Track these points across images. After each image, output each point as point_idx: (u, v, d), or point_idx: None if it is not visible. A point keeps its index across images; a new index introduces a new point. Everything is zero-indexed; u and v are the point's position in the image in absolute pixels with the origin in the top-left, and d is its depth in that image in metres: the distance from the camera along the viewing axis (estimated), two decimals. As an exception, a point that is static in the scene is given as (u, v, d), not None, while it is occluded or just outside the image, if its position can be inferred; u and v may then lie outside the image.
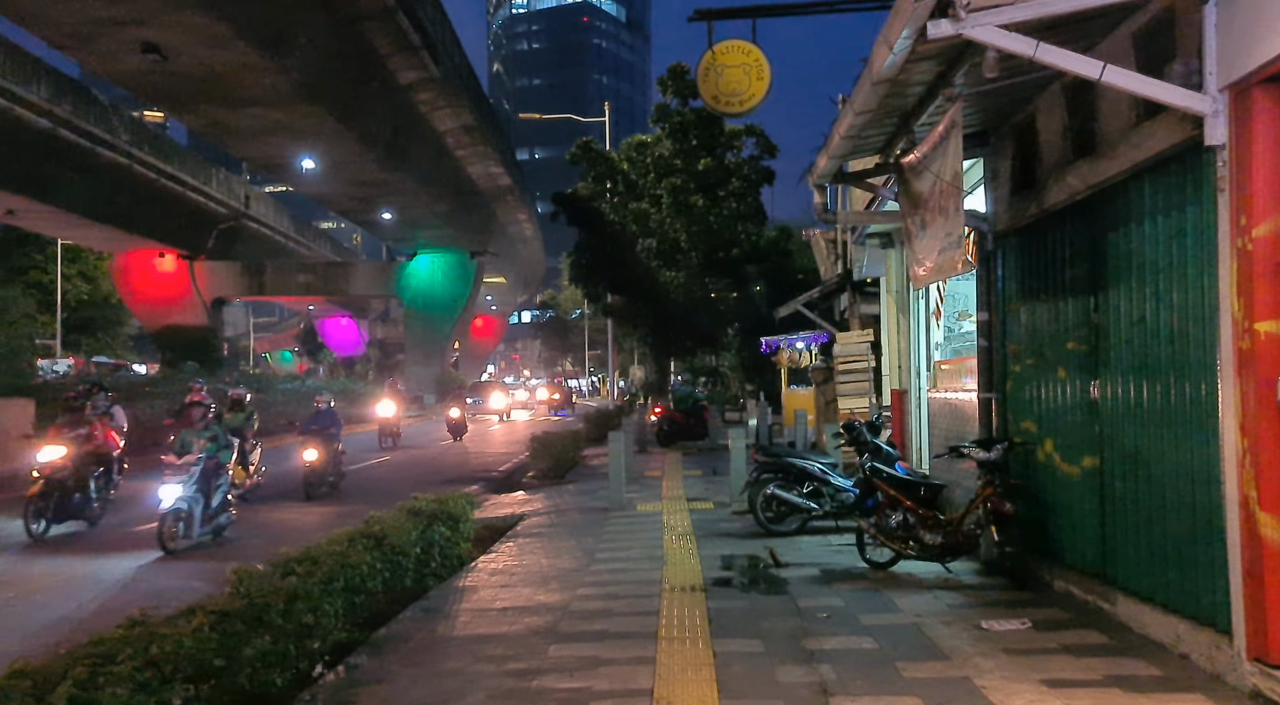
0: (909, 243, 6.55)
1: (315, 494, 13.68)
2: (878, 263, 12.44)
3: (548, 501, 12.91)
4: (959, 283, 9.12)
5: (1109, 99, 5.44)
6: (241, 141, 29.30)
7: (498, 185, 43.65)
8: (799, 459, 9.40)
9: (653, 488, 13.67)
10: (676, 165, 24.08)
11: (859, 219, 8.56)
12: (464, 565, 8.34)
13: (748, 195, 24.24)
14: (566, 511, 11.68)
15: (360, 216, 42.03)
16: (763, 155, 24.24)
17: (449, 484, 15.87)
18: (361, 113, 27.25)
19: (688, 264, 24.07)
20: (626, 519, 10.72)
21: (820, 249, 18.51)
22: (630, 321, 27.59)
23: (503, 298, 77.76)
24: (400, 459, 20.62)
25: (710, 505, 11.58)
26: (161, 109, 26.29)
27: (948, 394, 9.30)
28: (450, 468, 18.99)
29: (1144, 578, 5.28)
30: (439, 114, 32.30)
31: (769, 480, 9.43)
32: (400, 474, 17.63)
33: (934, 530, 6.98)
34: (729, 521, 10.33)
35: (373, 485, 15.56)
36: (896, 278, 11.42)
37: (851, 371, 15.12)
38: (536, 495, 13.78)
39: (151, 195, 38.82)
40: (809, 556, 8.19)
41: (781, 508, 9.27)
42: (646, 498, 12.54)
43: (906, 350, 11.27)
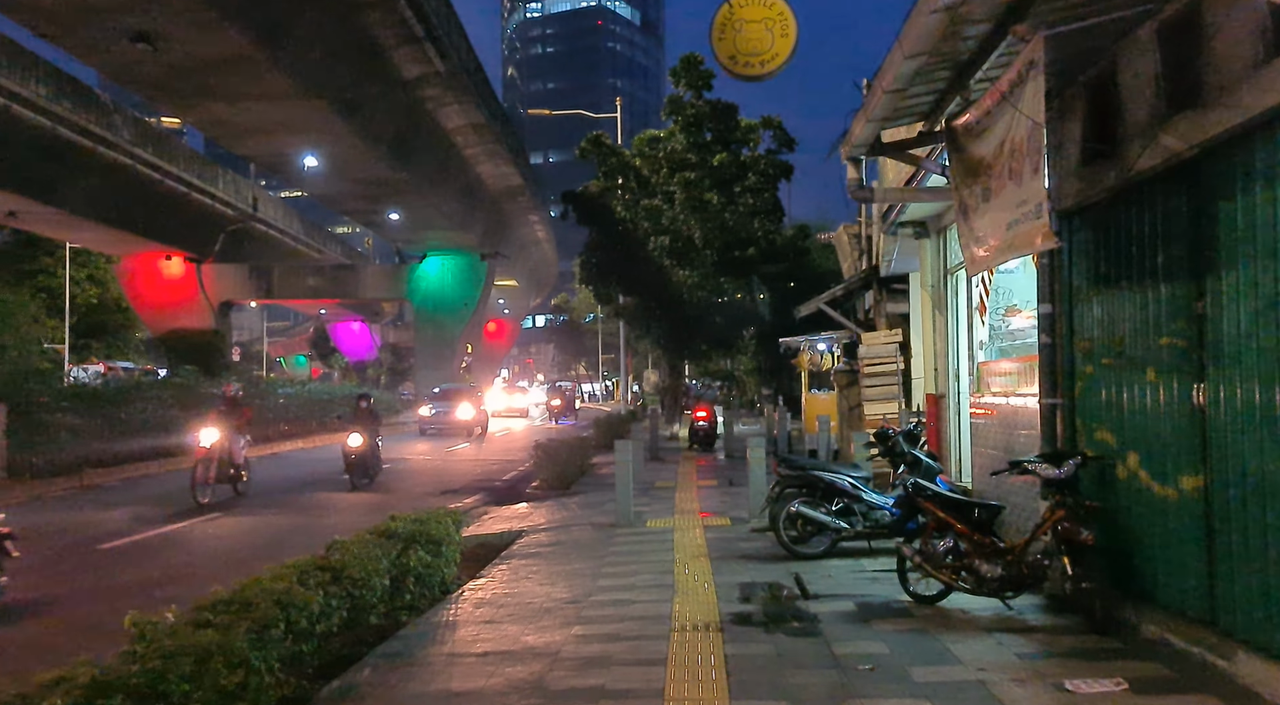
0: (965, 219, 5.50)
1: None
2: (910, 255, 11.38)
3: (550, 515, 11.91)
4: (1008, 274, 8.06)
5: (1227, 35, 4.39)
6: (243, 139, 28.52)
7: (508, 185, 42.79)
8: (827, 472, 8.35)
9: (664, 500, 12.65)
10: (690, 160, 23.12)
11: (899, 196, 7.52)
12: (448, 593, 7.35)
13: (765, 191, 23.24)
14: (569, 527, 10.68)
15: (368, 218, 41.26)
16: (781, 149, 23.25)
17: (447, 496, 14.93)
18: (365, 109, 26.41)
19: (702, 263, 23.07)
20: (634, 537, 9.70)
21: (843, 244, 17.44)
22: (643, 324, 26.61)
23: (515, 301, 76.99)
24: (401, 468, 19.69)
25: (727, 522, 10.54)
26: (158, 104, 25.56)
27: (995, 399, 8.23)
28: (452, 477, 18.03)
29: (1275, 630, 4.21)
30: (446, 111, 31.43)
31: (793, 496, 8.39)
32: (396, 484, 16.68)
33: (992, 560, 5.91)
34: (748, 540, 9.29)
35: (364, 501, 14.61)
36: (932, 270, 10.35)
37: (878, 374, 14.07)
38: (539, 508, 12.80)
39: (156, 196, 38.17)
40: (841, 585, 7.14)
41: (807, 527, 8.22)
42: (657, 512, 11.51)
43: (944, 351, 10.20)
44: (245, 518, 12.36)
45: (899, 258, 11.86)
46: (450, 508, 8.24)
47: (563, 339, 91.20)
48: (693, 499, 12.71)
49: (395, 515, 7.45)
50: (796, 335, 20.48)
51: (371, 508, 13.11)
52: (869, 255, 16.28)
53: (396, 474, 18.07)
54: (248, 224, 46.38)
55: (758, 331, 30.93)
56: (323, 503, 13.96)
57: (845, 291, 14.84)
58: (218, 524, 11.82)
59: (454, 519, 7.88)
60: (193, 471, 13.23)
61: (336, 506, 13.60)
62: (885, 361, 13.99)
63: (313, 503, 13.95)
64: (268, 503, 13.69)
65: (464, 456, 22.28)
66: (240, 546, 10.36)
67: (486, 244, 47.67)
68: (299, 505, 13.63)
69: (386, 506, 12.94)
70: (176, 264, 45.27)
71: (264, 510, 13.03)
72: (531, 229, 55.28)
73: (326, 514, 12.79)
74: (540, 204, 51.23)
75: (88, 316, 53.51)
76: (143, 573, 8.79)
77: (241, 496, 14.05)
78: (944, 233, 9.94)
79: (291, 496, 14.50)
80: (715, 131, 23.63)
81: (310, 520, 12.19)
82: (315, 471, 18.10)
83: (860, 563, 7.99)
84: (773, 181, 23.32)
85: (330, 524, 11.39)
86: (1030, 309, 7.70)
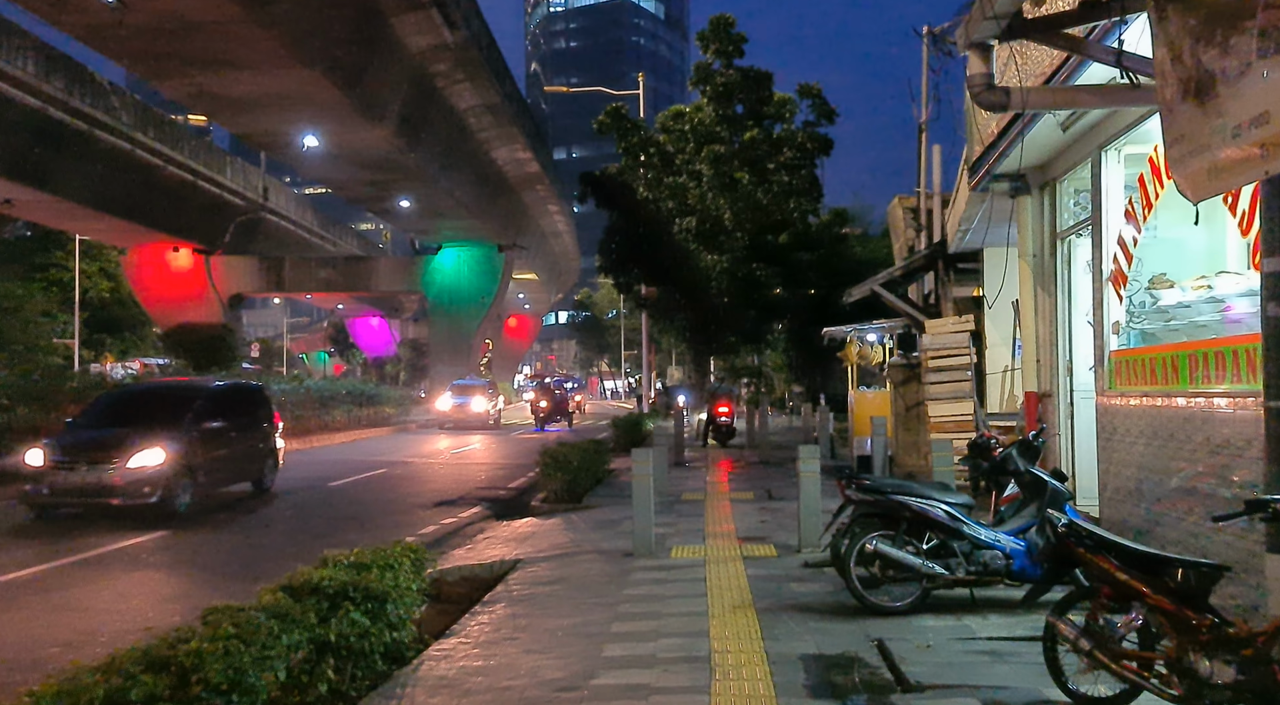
0: (1200, 100, 3.36)
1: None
2: (999, 221, 9.20)
3: (556, 536, 9.89)
4: (1160, 237, 5.91)
5: None
6: (236, 115, 26.69)
7: (525, 172, 40.83)
8: (915, 497, 6.22)
9: (692, 518, 10.58)
10: (719, 133, 21.00)
11: (1053, 101, 5.24)
12: (400, 664, 5.33)
13: (802, 166, 21.07)
14: (576, 556, 8.64)
15: (377, 205, 39.47)
16: (820, 120, 21.06)
17: (442, 507, 12.97)
18: (367, 82, 24.50)
19: (732, 246, 20.94)
20: (656, 573, 7.64)
21: (896, 220, 15.26)
22: (666, 315, 24.54)
23: (536, 296, 75.16)
24: (399, 472, 17.77)
25: (771, 551, 8.45)
26: (138, 73, 23.80)
27: (1143, 399, 6.07)
28: (453, 483, 16.08)
29: None
30: (457, 89, 29.48)
31: (869, 526, 6.31)
32: (389, 492, 14.75)
33: (1216, 653, 3.78)
34: (802, 581, 7.21)
35: (339, 508, 12.67)
36: (1034, 236, 8.19)
37: (946, 368, 11.91)
38: (545, 525, 10.78)
39: (160, 184, 36.66)
40: (950, 665, 5.04)
41: (888, 570, 6.12)
42: (684, 534, 9.45)
43: (1048, 337, 8.04)
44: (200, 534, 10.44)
45: (981, 225, 9.70)
46: (409, 541, 6.22)
47: (585, 335, 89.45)
48: (726, 516, 10.63)
49: (329, 555, 5.46)
50: (835, 326, 18.27)
51: (300, 534, 11.18)
52: (929, 232, 14.10)
53: (387, 480, 16.13)
54: (258, 214, 44.87)
55: (790, 324, 28.80)
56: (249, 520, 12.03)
57: (904, 272, 12.67)
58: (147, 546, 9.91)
59: (413, 558, 5.87)
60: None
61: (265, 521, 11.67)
62: (954, 353, 11.84)
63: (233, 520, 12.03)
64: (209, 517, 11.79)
65: (470, 460, 20.32)
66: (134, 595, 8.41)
67: (504, 235, 45.80)
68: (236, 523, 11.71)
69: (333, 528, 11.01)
70: (184, 256, 43.84)
71: (200, 527, 11.12)
72: (551, 220, 53.32)
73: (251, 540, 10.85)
74: (560, 194, 49.24)
75: (102, 312, 52.27)
76: None
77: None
78: (1052, 187, 7.78)
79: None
80: (747, 104, 21.50)
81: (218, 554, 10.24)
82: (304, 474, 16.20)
83: (964, 623, 5.88)
84: (810, 157, 21.15)
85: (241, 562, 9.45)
86: (1195, 279, 5.56)
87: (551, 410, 29.37)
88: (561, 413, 30.26)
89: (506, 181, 41.55)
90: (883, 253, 31.77)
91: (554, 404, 29.55)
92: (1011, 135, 6.94)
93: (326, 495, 14.32)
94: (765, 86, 21.23)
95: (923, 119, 13.69)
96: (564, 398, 31.34)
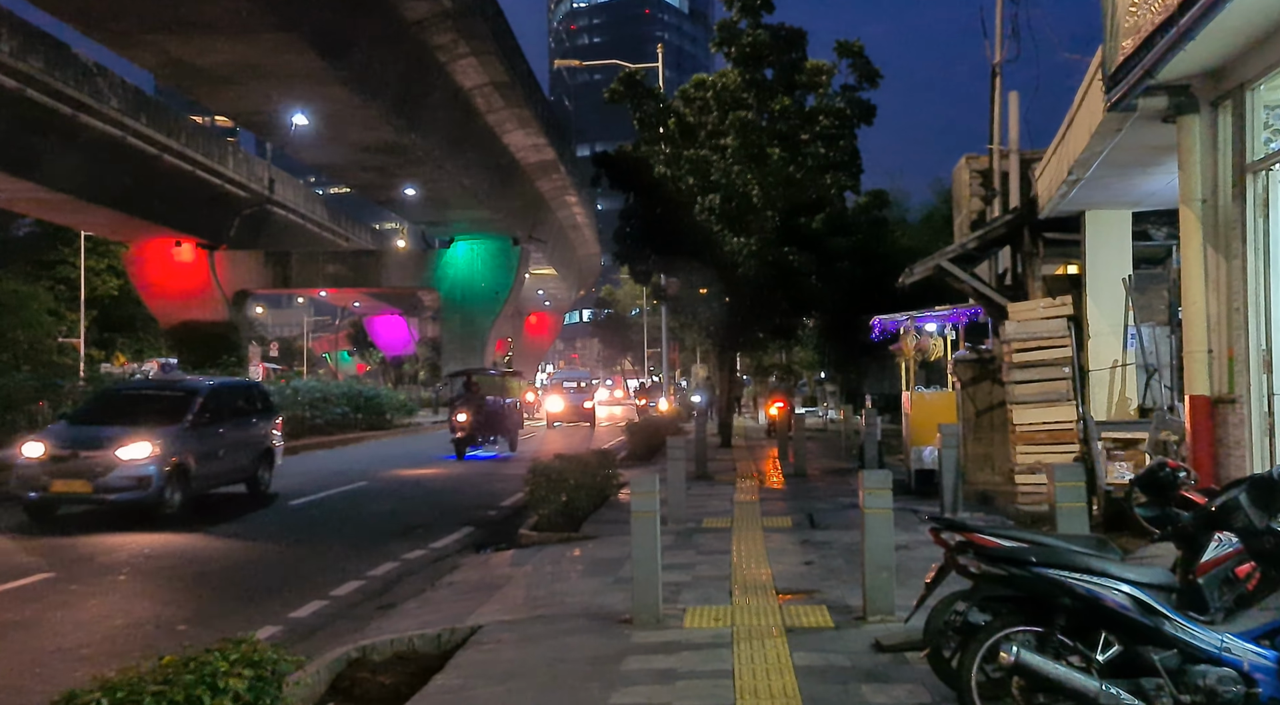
0: None
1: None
2: (1131, 167, 6.72)
3: (537, 584, 7.59)
4: None
5: None
6: (211, 88, 24.57)
7: (540, 159, 38.57)
8: (1077, 571, 3.77)
9: (715, 556, 8.22)
10: (746, 99, 18.54)
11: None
12: None
13: (840, 137, 18.55)
14: (556, 620, 6.32)
15: (382, 194, 37.37)
16: (861, 84, 18.50)
17: (414, 533, 10.71)
18: (357, 53, 22.33)
19: (761, 226, 18.48)
20: (659, 658, 5.29)
21: (961, 185, 12.77)
22: (688, 308, 22.14)
23: (557, 293, 73.08)
24: (380, 486, 15.54)
25: (826, 617, 6.07)
26: (101, 41, 21.77)
27: None
28: (438, 500, 13.83)
29: None
30: (462, 64, 27.23)
31: (993, 608, 3.95)
32: (358, 512, 12.48)
33: None
34: (879, 678, 4.84)
35: (283, 534, 10.40)
36: (1203, 174, 5.72)
37: (1036, 364, 9.50)
38: (526, 565, 8.49)
39: (159, 176, 34.82)
40: None
41: (1037, 694, 3.70)
42: (703, 584, 7.11)
43: (1227, 317, 5.56)
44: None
45: (1101, 174, 7.22)
46: (260, 639, 3.90)
47: (607, 333, 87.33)
48: (759, 554, 8.25)
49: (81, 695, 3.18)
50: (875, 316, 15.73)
51: (175, 589, 8.97)
52: (1004, 198, 11.60)
53: (363, 497, 13.87)
54: (264, 207, 43.03)
55: (824, 316, 26.28)
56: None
57: (980, 243, 10.17)
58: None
59: (254, 674, 3.56)
60: None
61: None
62: (1048, 344, 9.40)
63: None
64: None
65: (469, 469, 18.04)
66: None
67: (519, 227, 43.63)
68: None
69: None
70: (188, 251, 42.09)
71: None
72: (570, 212, 51.07)
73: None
74: (579, 185, 46.95)
75: (112, 310, 50.77)
76: None
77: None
78: (1236, 100, 5.31)
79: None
80: (777, 68, 19.00)
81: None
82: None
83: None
84: (850, 126, 18.62)
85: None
86: None
87: (471, 423, 19.26)
88: (494, 425, 20.52)
89: (520, 169, 39.32)
90: (924, 240, 29.16)
91: (476, 417, 19.42)
92: (1195, 10, 4.52)
93: (280, 518, 12.11)
94: (798, 47, 18.75)
95: (996, 60, 11.26)
96: (494, 411, 20.57)
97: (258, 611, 7.17)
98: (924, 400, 12.16)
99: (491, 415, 20.50)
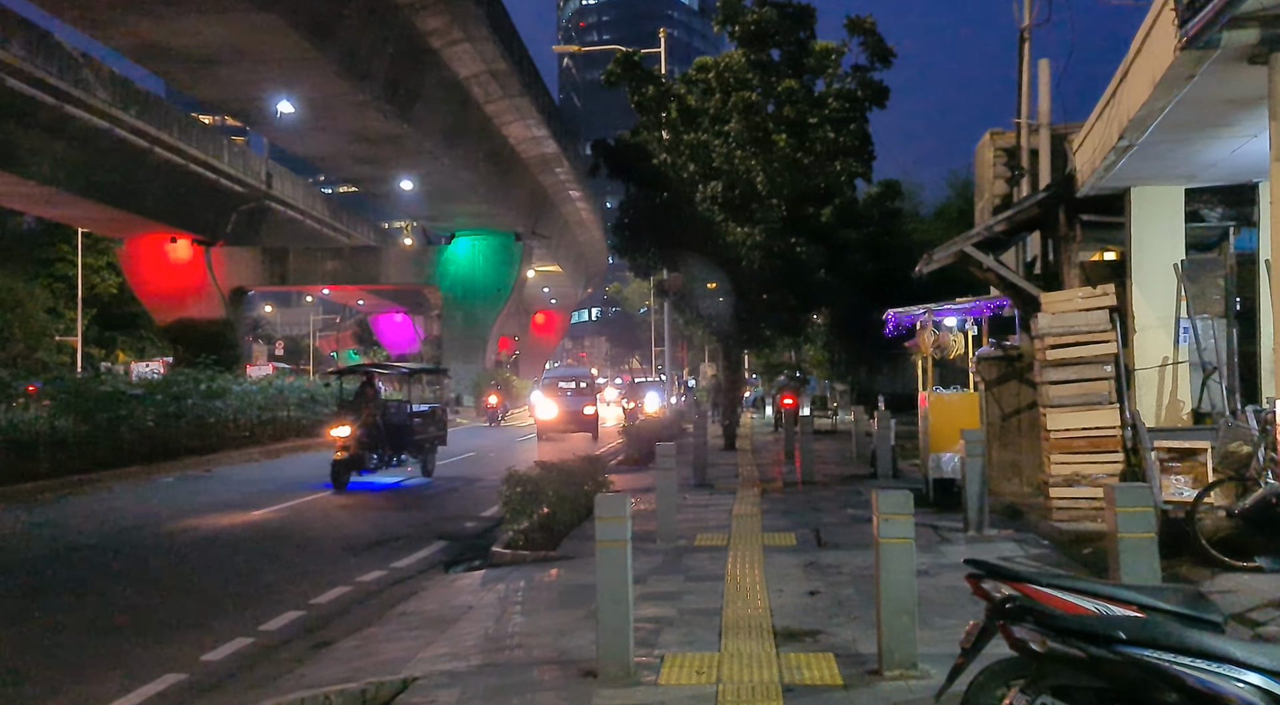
0: None
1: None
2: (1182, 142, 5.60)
3: (497, 618, 6.54)
4: None
5: None
6: (190, 72, 23.52)
7: (542, 152, 37.49)
8: (1190, 665, 2.68)
9: (705, 583, 7.14)
10: (750, 80, 17.42)
11: None
12: None
13: (850, 121, 17.40)
14: (506, 669, 5.26)
15: (378, 187, 36.34)
16: (873, 63, 17.36)
17: (377, 549, 9.69)
18: (342, 34, 21.28)
19: (766, 215, 17.36)
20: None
21: (984, 164, 11.62)
22: (691, 304, 21.06)
23: (563, 291, 72.02)
24: (354, 494, 14.52)
25: (832, 672, 4.98)
26: (70, 23, 20.76)
27: None
28: (413, 509, 12.79)
29: None
30: (457, 51, 26.17)
31: (1059, 691, 2.85)
32: (322, 524, 11.44)
33: None
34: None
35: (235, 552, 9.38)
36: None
37: (1074, 362, 8.42)
38: (491, 592, 7.45)
39: (152, 170, 33.99)
40: None
41: None
42: (688, 623, 6.03)
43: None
44: None
45: (1157, 139, 6.10)
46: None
47: (615, 332, 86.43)
48: (756, 583, 7.16)
49: None
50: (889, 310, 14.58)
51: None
52: (1033, 177, 10.47)
53: (330, 506, 12.84)
54: (261, 203, 42.18)
55: (834, 313, 25.15)
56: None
57: (1009, 225, 9.03)
58: None
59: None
60: None
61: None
62: (1089, 339, 8.31)
63: None
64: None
65: (454, 474, 16.99)
66: None
67: (522, 223, 42.61)
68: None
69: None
70: (183, 247, 41.28)
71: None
72: (574, 207, 50.00)
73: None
74: (584, 180, 45.87)
75: (113, 308, 49.94)
76: None
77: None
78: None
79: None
80: (784, 50, 17.89)
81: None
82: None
83: None
84: (861, 109, 17.48)
85: None
86: None
87: (369, 445, 14.52)
88: (406, 448, 15.41)
89: (522, 163, 38.26)
90: (937, 234, 27.94)
91: (373, 433, 14.61)
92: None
93: (231, 532, 11.08)
94: (806, 25, 17.64)
95: (1025, 24, 10.12)
96: (365, 429, 14.39)
97: (166, 652, 6.13)
98: (944, 402, 11.04)
99: (395, 429, 15.08)
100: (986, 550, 8.02)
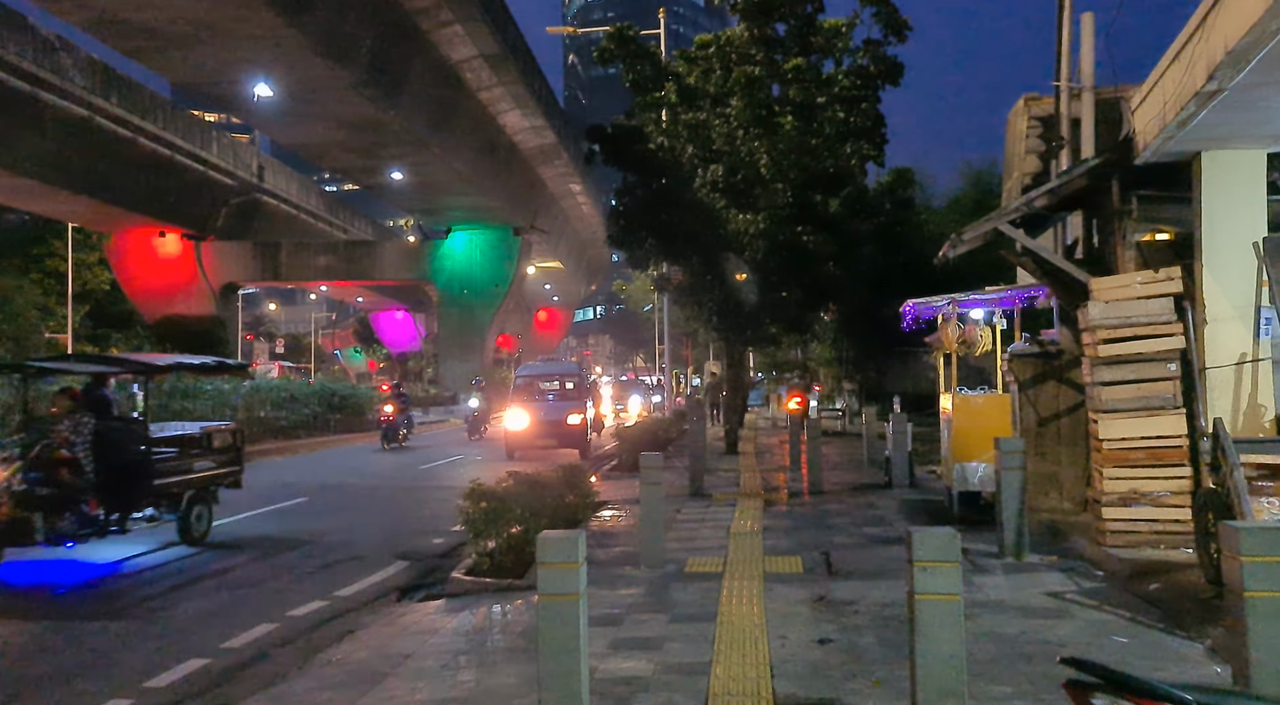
0: None
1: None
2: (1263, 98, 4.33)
3: (432, 677, 5.32)
4: None
5: None
6: (159, 50, 22.33)
7: (541, 143, 36.28)
8: None
9: (692, 626, 5.91)
10: (753, 56, 16.18)
11: None
12: None
13: (862, 99, 16.13)
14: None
15: (367, 177, 35.17)
16: (887, 38, 16.09)
17: (328, 571, 8.50)
18: (319, 9, 20.08)
19: (770, 201, 16.10)
20: None
21: (1016, 134, 10.35)
22: (691, 298, 19.79)
23: (565, 288, 70.90)
24: (323, 502, 13.34)
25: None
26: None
27: None
28: (380, 522, 11.56)
29: None
30: (446, 34, 24.99)
31: None
32: (284, 536, 10.21)
33: None
34: None
35: (154, 570, 8.15)
36: None
37: (1133, 359, 7.17)
38: (438, 634, 6.24)
39: (137, 162, 32.88)
40: None
41: None
42: (667, 688, 4.81)
43: None
44: None
45: (1250, 86, 4.83)
46: None
47: (619, 329, 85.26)
48: (755, 626, 5.91)
49: None
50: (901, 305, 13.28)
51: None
52: (1073, 148, 9.19)
53: (293, 517, 11.61)
54: (253, 196, 41.05)
55: (843, 308, 23.86)
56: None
57: (1052, 199, 7.75)
58: None
59: None
60: None
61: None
62: (1150, 331, 7.06)
63: None
64: None
65: (436, 482, 15.79)
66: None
67: (520, 216, 41.42)
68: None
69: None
70: (172, 242, 40.21)
71: None
72: (574, 200, 48.79)
73: None
74: (586, 173, 44.66)
75: (106, 305, 48.91)
76: None
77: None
78: None
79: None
80: (790, 25, 16.65)
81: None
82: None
83: None
84: (873, 87, 16.21)
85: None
86: None
87: (38, 498, 8.21)
88: (131, 493, 9.09)
89: (519, 154, 37.05)
90: (950, 227, 26.62)
91: (71, 475, 8.52)
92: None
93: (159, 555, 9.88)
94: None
95: (1066, -28, 8.88)
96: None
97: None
98: (970, 405, 9.79)
99: (120, 467, 9.02)
100: (1028, 582, 6.78)
